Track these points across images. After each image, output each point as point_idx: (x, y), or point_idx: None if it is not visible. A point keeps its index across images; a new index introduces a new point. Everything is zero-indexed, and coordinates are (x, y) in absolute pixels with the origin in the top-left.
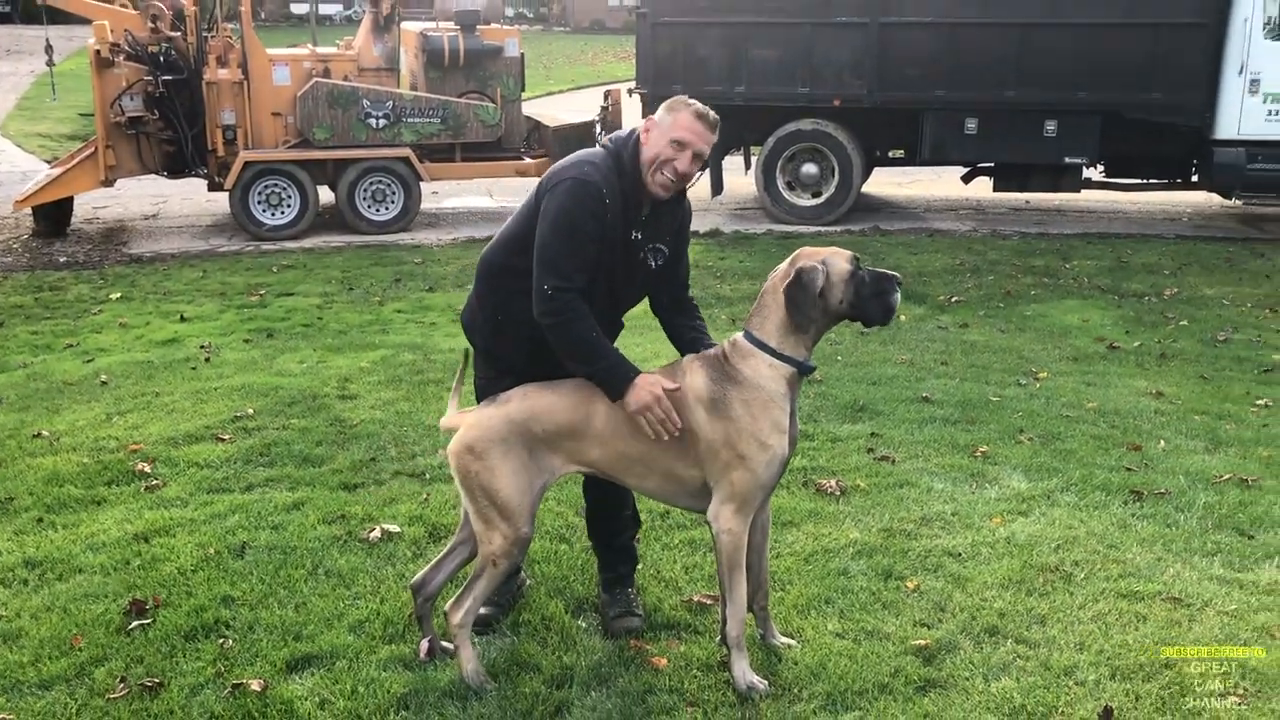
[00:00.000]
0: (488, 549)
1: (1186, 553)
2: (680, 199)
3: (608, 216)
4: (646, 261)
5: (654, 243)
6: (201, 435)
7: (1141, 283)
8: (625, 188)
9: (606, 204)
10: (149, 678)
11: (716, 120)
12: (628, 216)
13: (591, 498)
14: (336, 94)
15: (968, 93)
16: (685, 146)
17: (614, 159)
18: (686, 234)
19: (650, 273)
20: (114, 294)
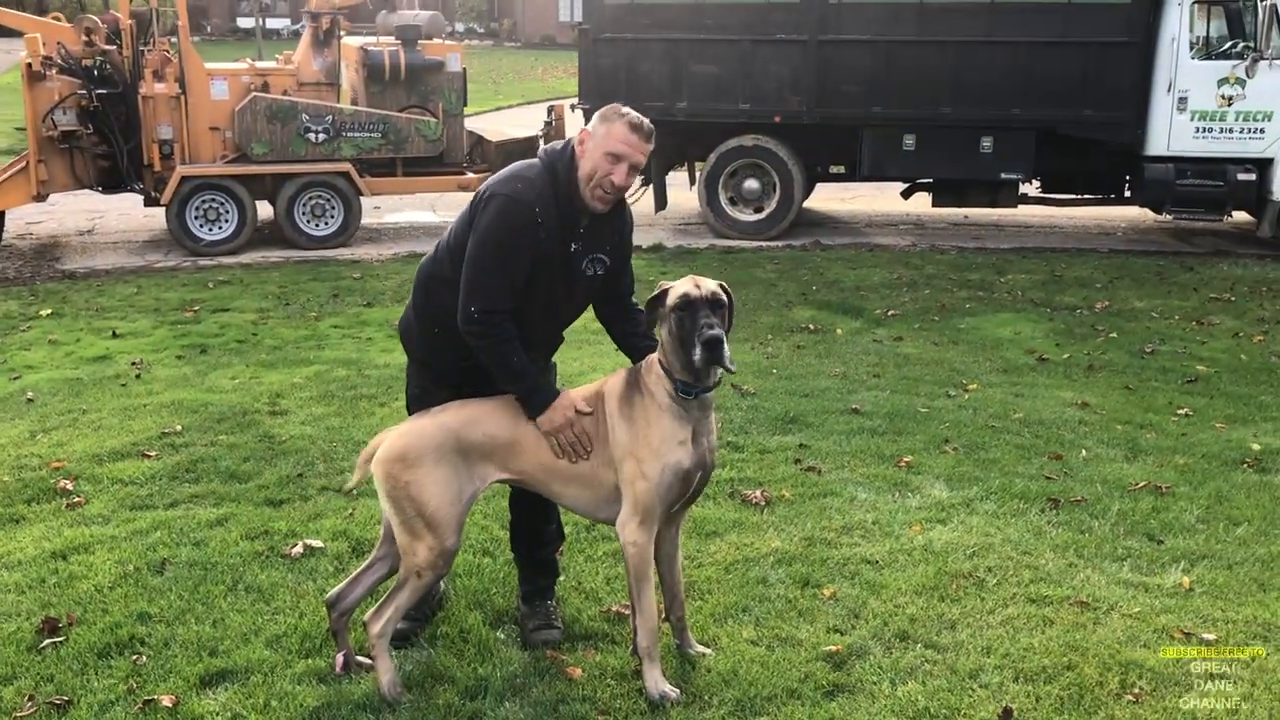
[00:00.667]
0: (412, 560)
1: (1098, 558)
2: (620, 209)
3: (540, 234)
4: (586, 272)
5: (594, 253)
6: (128, 452)
7: (1074, 296)
8: (561, 201)
9: (539, 223)
10: (58, 695)
11: (651, 129)
12: (564, 230)
13: (517, 511)
14: (275, 108)
15: (905, 110)
16: (621, 159)
17: (549, 173)
18: (628, 243)
19: (591, 283)
20: (44, 310)
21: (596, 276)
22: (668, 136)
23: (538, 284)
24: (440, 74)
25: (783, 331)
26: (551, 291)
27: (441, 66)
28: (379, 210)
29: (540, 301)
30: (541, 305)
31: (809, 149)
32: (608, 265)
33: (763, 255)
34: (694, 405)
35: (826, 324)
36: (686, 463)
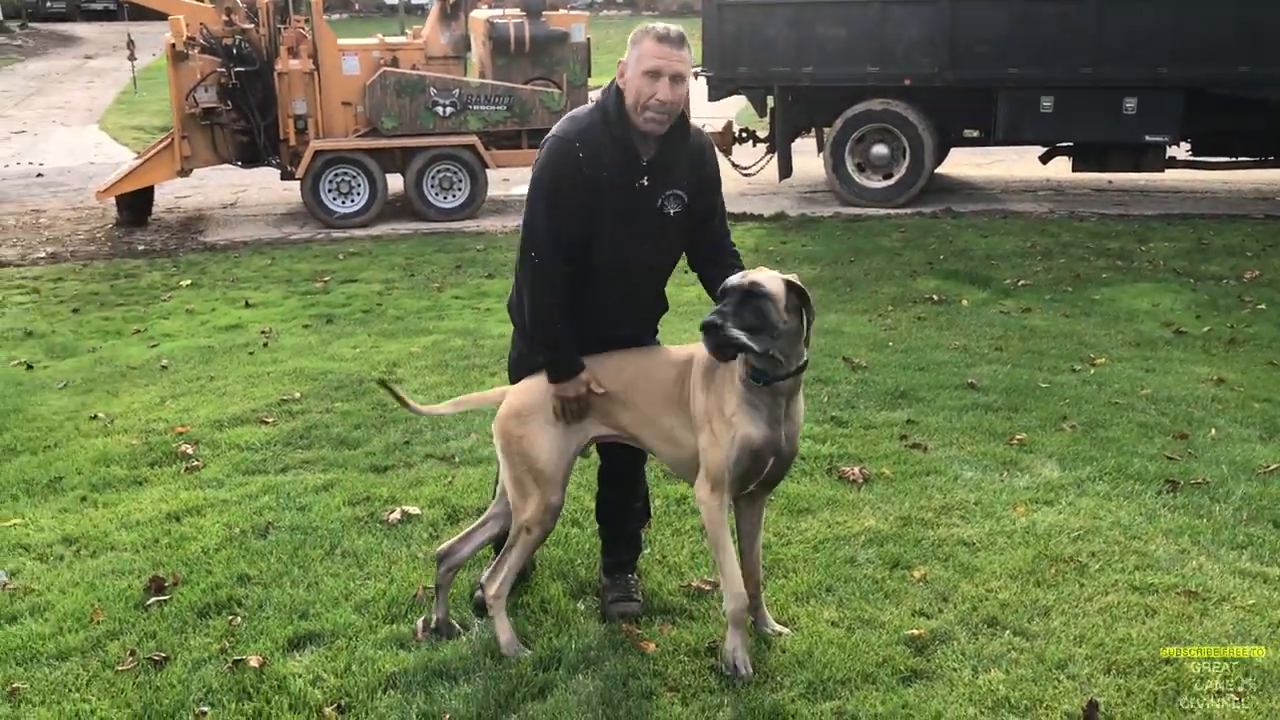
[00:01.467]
0: (521, 517)
1: (1214, 545)
2: (695, 143)
3: (585, 170)
4: (664, 210)
5: (669, 190)
6: (247, 418)
7: (1221, 265)
8: (615, 135)
9: (581, 157)
10: (158, 652)
11: (681, 35)
12: (626, 164)
13: (605, 485)
14: (404, 83)
15: (1043, 70)
16: (659, 74)
17: (599, 110)
18: (711, 179)
19: (671, 222)
20: (184, 281)
21: (676, 216)
22: (794, 103)
23: (606, 224)
24: (565, 45)
25: (904, 302)
26: (626, 233)
27: (566, 37)
28: (507, 182)
29: (617, 245)
30: (619, 250)
31: (941, 113)
32: (686, 202)
33: (889, 223)
34: (764, 391)
35: (951, 294)
36: (757, 441)
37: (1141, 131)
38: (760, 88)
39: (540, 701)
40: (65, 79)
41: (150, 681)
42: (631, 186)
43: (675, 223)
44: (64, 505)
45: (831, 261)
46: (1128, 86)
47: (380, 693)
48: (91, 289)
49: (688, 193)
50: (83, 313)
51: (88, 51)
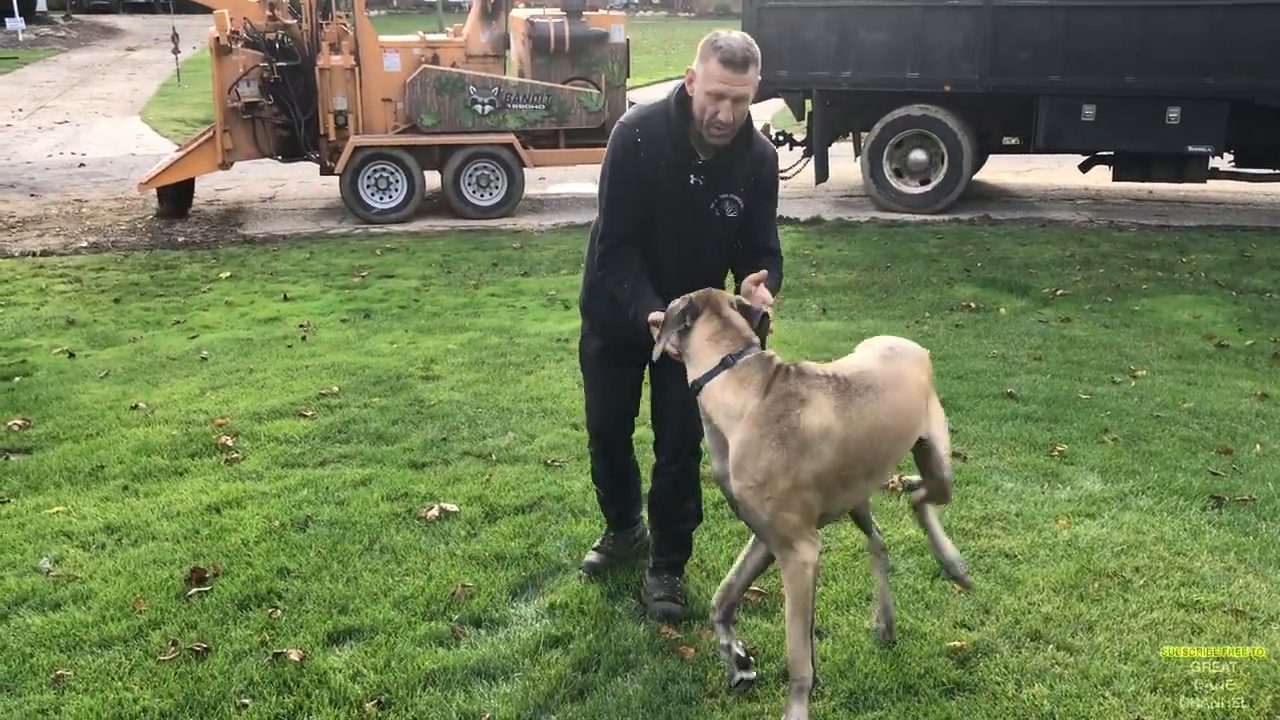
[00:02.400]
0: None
1: (1261, 563)
2: (757, 149)
3: (641, 154)
4: (715, 212)
5: (725, 192)
6: (286, 411)
7: (1264, 278)
8: (675, 133)
9: (639, 141)
10: (199, 643)
11: (746, 58)
12: (680, 161)
13: (658, 482)
14: (444, 81)
15: (1085, 78)
16: (722, 96)
17: (665, 105)
18: (766, 186)
19: (727, 224)
20: (224, 273)
21: (728, 219)
22: (831, 106)
23: (661, 217)
24: (604, 45)
25: (941, 310)
26: (680, 229)
27: (605, 38)
28: (543, 181)
29: (669, 241)
30: (674, 246)
31: (980, 119)
32: (741, 208)
33: (926, 229)
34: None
35: (989, 302)
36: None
37: (1185, 142)
38: (799, 91)
39: (579, 703)
40: (108, 70)
41: (192, 672)
42: (686, 182)
43: (730, 225)
44: (106, 494)
45: (868, 267)
46: (1172, 96)
47: (420, 690)
48: (133, 279)
49: (744, 198)
50: (124, 302)
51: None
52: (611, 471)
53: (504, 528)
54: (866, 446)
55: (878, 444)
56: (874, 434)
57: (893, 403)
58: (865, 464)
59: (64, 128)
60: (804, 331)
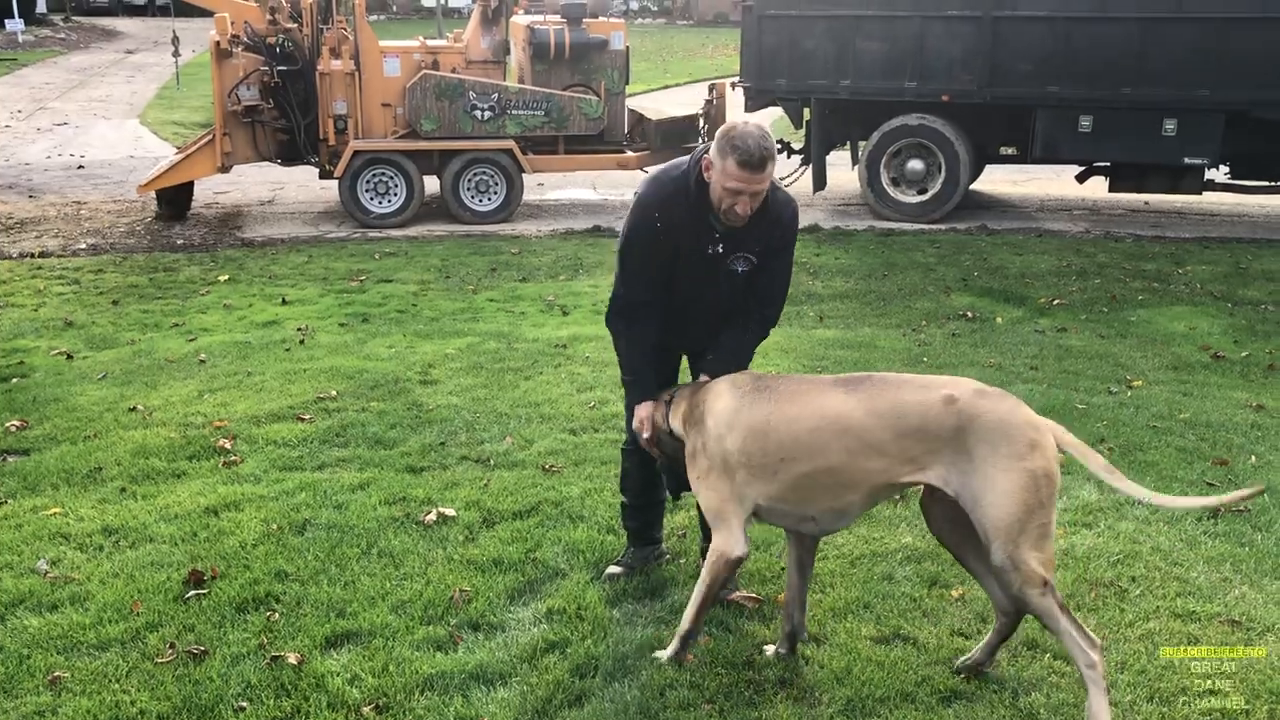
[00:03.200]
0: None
1: (1256, 574)
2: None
3: (661, 238)
4: (732, 268)
5: (739, 252)
6: (284, 415)
7: (1259, 290)
8: (694, 209)
9: (658, 226)
10: (196, 645)
11: (763, 157)
12: (699, 234)
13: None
14: (444, 86)
15: (1083, 89)
16: (740, 194)
17: (683, 181)
18: (780, 243)
19: (739, 277)
20: (222, 276)
21: (744, 273)
22: (830, 115)
23: (680, 279)
24: (604, 52)
25: (938, 318)
26: (696, 281)
27: (605, 45)
28: (542, 187)
29: (690, 294)
30: (692, 298)
31: (978, 129)
32: (754, 264)
33: (923, 238)
34: None
35: (986, 312)
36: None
37: (1181, 153)
38: (797, 100)
39: (578, 709)
40: (107, 73)
41: (189, 675)
42: (705, 251)
43: (743, 277)
44: (103, 496)
45: (865, 275)
46: (1168, 108)
47: (418, 694)
48: (131, 281)
49: (758, 255)
50: (122, 305)
51: (129, 46)
52: (640, 469)
53: (502, 532)
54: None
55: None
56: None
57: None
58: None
59: (63, 129)
60: (801, 339)
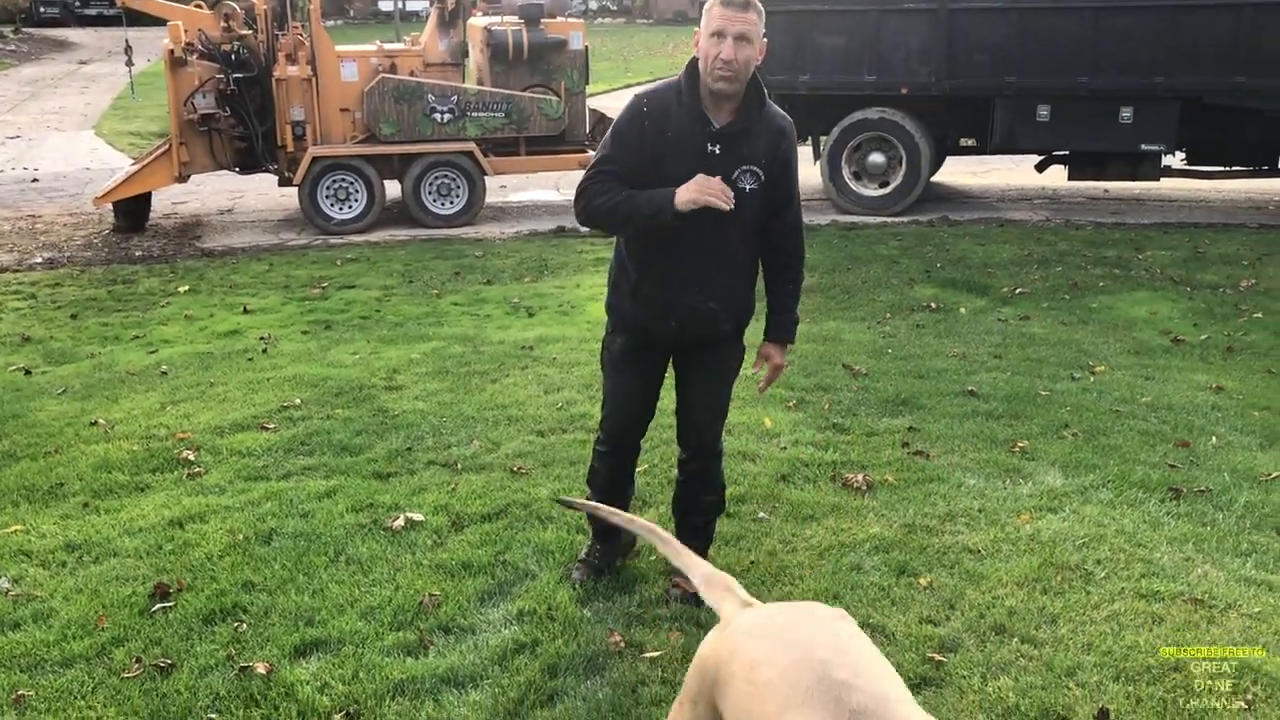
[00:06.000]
0: None
1: (1218, 553)
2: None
3: (646, 122)
4: (738, 185)
5: (745, 164)
6: (248, 424)
7: (1217, 274)
8: (687, 100)
9: (644, 110)
10: (163, 658)
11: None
12: (695, 130)
13: (679, 478)
14: (402, 89)
15: (1040, 79)
16: (723, 35)
17: (677, 77)
18: (788, 163)
19: (747, 199)
20: (182, 287)
21: (752, 193)
22: (790, 110)
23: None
24: (563, 52)
25: (902, 310)
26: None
27: (564, 45)
28: (505, 189)
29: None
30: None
31: (937, 121)
32: (762, 181)
33: (886, 231)
34: None
35: (949, 302)
36: None
37: (1137, 140)
38: None
39: (549, 709)
40: (60, 84)
41: (157, 688)
42: (702, 150)
43: (751, 201)
44: (65, 511)
45: (829, 269)
46: (1124, 96)
47: (389, 700)
48: (89, 294)
49: (765, 173)
50: (81, 318)
51: (83, 57)
52: (613, 473)
53: (471, 536)
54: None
55: None
56: None
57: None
58: None
59: (15, 143)
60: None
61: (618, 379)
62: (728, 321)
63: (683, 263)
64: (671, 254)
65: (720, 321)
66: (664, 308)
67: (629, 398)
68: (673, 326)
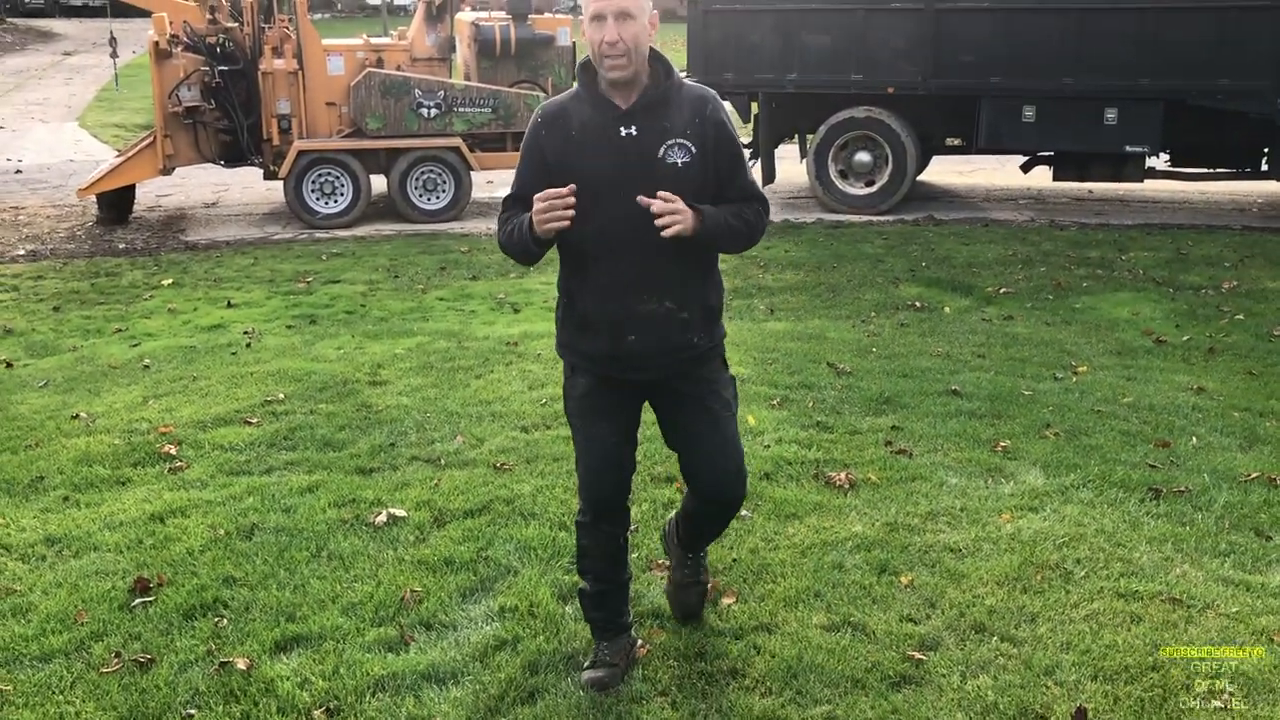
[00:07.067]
0: None
1: (1197, 553)
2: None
3: (543, 131)
4: (668, 160)
5: (670, 138)
6: (231, 419)
7: (1200, 275)
8: (589, 95)
9: (539, 120)
10: (143, 654)
11: None
12: (603, 120)
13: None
14: (389, 84)
15: (1025, 80)
16: (603, 16)
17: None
18: (719, 133)
19: (681, 175)
20: (166, 280)
21: (686, 167)
22: (778, 109)
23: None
24: (550, 48)
25: (887, 309)
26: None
27: (552, 40)
28: (491, 185)
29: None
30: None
31: (923, 121)
32: (694, 153)
33: (871, 230)
34: None
35: (934, 301)
36: None
37: (1122, 142)
38: (744, 94)
39: (530, 706)
40: (44, 75)
41: (136, 683)
42: (616, 136)
43: (687, 176)
44: (46, 505)
45: (815, 267)
46: (1108, 97)
47: (369, 696)
48: (72, 287)
49: (696, 144)
50: (63, 311)
51: (67, 48)
52: (601, 544)
53: (453, 532)
54: None
55: None
56: None
57: None
58: None
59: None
60: (752, 332)
61: (587, 430)
62: (696, 327)
63: (622, 263)
64: (608, 257)
65: (687, 326)
66: (614, 323)
67: (603, 448)
68: (631, 342)
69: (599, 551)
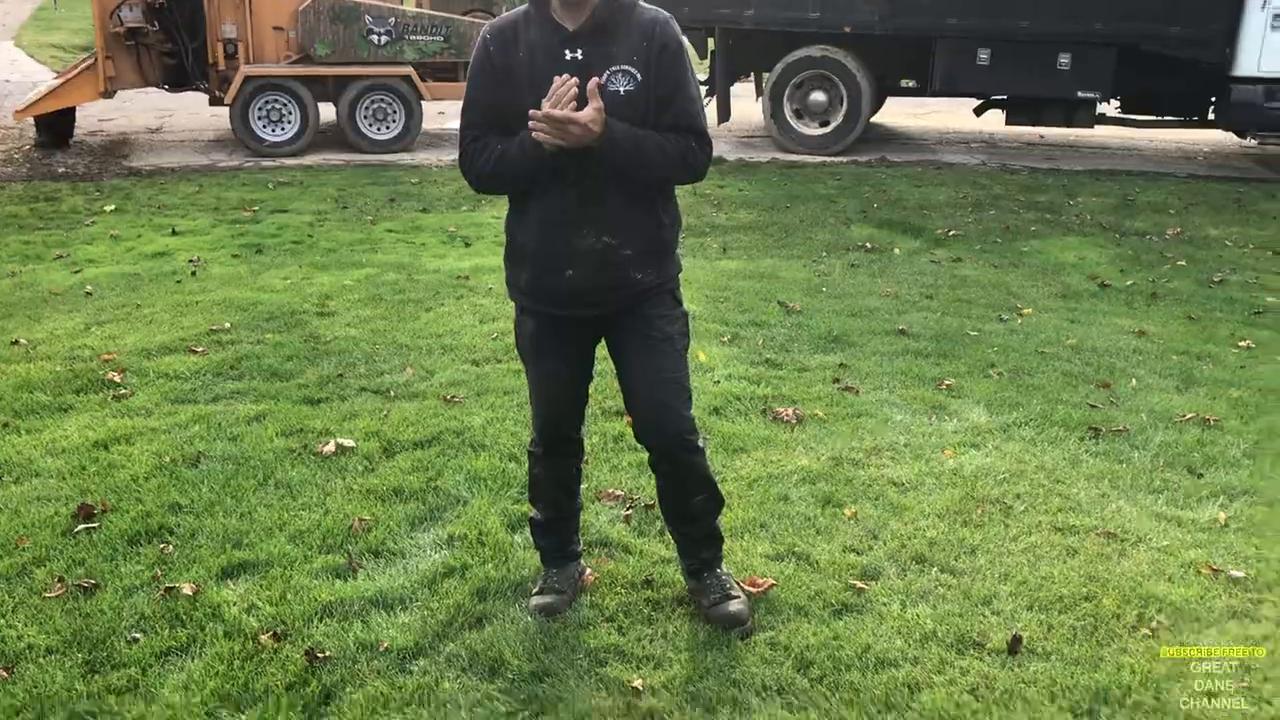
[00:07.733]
0: None
1: (1132, 489)
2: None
3: (491, 49)
4: (609, 86)
5: (615, 65)
6: (176, 347)
7: (1145, 221)
8: (536, 14)
9: (486, 39)
10: (87, 579)
11: None
12: (549, 42)
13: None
14: (339, 9)
15: (980, 22)
16: None
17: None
18: (667, 61)
19: (623, 103)
20: (108, 206)
21: (629, 95)
22: (735, 45)
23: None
24: None
25: (838, 249)
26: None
27: None
28: (442, 115)
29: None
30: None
31: (879, 61)
32: (639, 81)
33: (825, 170)
34: None
35: (884, 243)
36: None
37: (1074, 87)
38: (701, 29)
39: (478, 630)
40: None
41: (79, 608)
42: (562, 59)
43: (630, 104)
44: None
45: (768, 207)
46: (1062, 42)
47: (317, 621)
48: (10, 211)
49: (641, 70)
50: (1, 235)
51: None
52: (550, 475)
53: (402, 462)
54: None
55: None
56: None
57: None
58: None
59: None
60: (705, 270)
61: (537, 366)
62: (640, 263)
63: (560, 199)
64: (546, 193)
65: (629, 263)
66: (551, 257)
67: (554, 385)
68: (570, 277)
69: (550, 479)
